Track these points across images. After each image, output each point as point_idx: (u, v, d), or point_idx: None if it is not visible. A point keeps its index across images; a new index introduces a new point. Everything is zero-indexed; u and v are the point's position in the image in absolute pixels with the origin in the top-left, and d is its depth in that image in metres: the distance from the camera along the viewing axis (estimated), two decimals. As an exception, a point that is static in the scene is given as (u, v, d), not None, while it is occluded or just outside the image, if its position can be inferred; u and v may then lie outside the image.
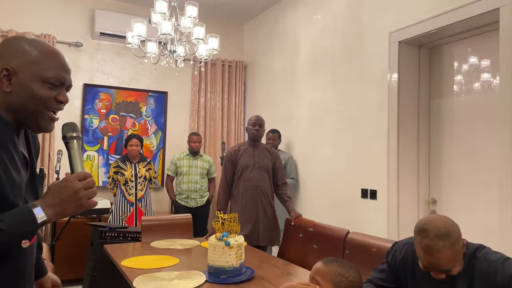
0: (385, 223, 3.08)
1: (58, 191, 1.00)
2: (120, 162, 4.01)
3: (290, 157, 4.12)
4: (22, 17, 4.30)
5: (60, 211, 1.00)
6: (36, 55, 1.06)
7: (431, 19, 2.76)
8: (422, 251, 1.37)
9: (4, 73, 1.03)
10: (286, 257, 2.83)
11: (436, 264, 1.35)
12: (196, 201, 4.29)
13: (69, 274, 3.89)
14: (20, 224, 0.94)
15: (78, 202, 1.01)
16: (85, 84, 4.57)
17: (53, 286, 1.43)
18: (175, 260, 2.33)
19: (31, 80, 1.05)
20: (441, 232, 1.34)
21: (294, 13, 4.41)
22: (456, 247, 1.34)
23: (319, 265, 1.38)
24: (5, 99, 1.04)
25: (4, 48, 1.06)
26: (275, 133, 4.15)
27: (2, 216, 0.93)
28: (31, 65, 1.05)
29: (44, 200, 1.00)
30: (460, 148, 2.90)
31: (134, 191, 3.96)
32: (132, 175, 3.95)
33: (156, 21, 3.09)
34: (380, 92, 3.18)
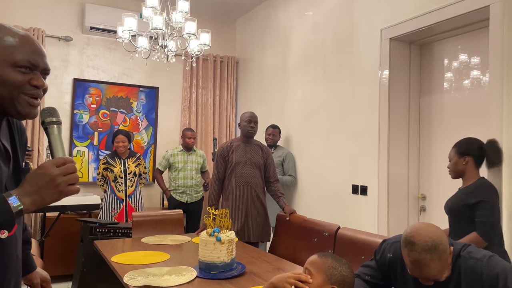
0: (375, 219, 3.11)
1: (35, 179, 0.95)
2: (109, 158, 3.97)
3: (288, 153, 4.07)
4: (10, 11, 4.24)
5: (39, 199, 0.95)
6: (4, 40, 1.01)
7: (422, 16, 2.78)
8: (410, 264, 1.39)
9: None
10: (277, 253, 2.84)
11: (425, 276, 1.37)
12: (191, 197, 4.29)
13: (59, 270, 3.86)
14: None
15: (57, 189, 0.96)
16: (75, 79, 4.52)
17: (42, 282, 1.41)
18: (166, 256, 2.33)
19: (0, 66, 0.99)
20: (428, 245, 1.35)
21: (286, 9, 4.40)
22: (443, 258, 1.36)
23: (314, 257, 1.40)
24: None
25: None
26: (276, 128, 4.11)
27: None
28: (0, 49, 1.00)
29: (21, 188, 0.95)
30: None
31: (124, 187, 3.93)
32: (121, 171, 3.92)
33: (147, 15, 3.06)
34: (371, 88, 3.20)
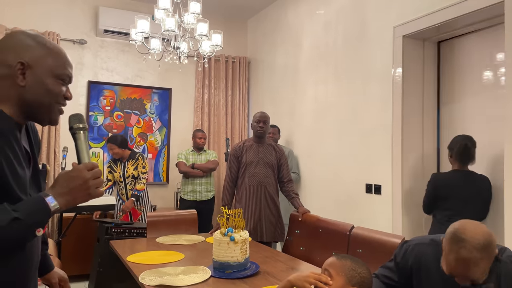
0: (389, 218, 3.08)
1: (68, 181, 1.02)
2: (112, 163, 4.08)
3: (290, 151, 4.15)
4: (26, 15, 4.32)
5: (71, 200, 1.02)
6: (47, 50, 1.07)
7: (436, 13, 2.74)
8: (455, 262, 1.29)
9: (19, 67, 1.03)
10: (291, 253, 2.84)
11: (470, 276, 1.29)
12: (201, 194, 4.31)
13: (76, 269, 3.92)
14: (34, 213, 0.96)
15: (87, 191, 1.04)
16: (89, 81, 4.59)
17: (60, 281, 1.44)
18: (181, 256, 2.35)
19: (46, 75, 1.06)
20: (480, 244, 1.27)
21: (297, 9, 4.40)
22: (491, 259, 1.29)
23: (333, 259, 1.38)
24: (18, 93, 1.04)
25: (12, 42, 1.05)
26: (275, 127, 4.21)
27: (17, 207, 0.95)
28: (45, 61, 1.06)
29: (55, 189, 1.01)
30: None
31: (125, 191, 4.03)
32: (120, 175, 4.01)
33: (160, 17, 3.09)
34: (384, 87, 3.17)
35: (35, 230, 0.97)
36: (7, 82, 1.03)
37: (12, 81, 1.03)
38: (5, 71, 1.03)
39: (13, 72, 1.03)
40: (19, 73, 1.03)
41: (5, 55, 1.03)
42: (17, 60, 1.03)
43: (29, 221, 0.95)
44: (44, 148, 4.26)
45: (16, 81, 1.03)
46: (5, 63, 1.03)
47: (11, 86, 1.03)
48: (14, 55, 1.03)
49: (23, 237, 0.98)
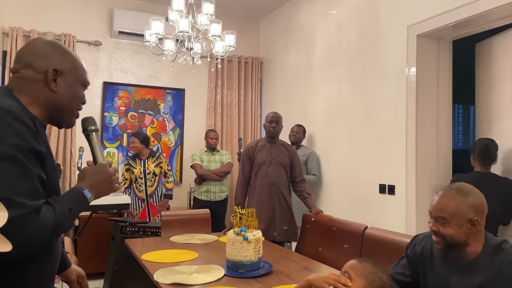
0: (403, 218, 3.06)
1: (96, 174, 1.15)
2: (131, 160, 4.11)
3: (311, 152, 4.05)
4: (42, 17, 4.41)
5: (98, 192, 1.14)
6: (73, 59, 1.17)
7: (450, 12, 2.71)
8: (436, 196, 1.42)
9: (53, 73, 1.10)
10: (304, 253, 2.84)
11: (436, 207, 1.40)
12: (215, 195, 4.34)
13: (92, 267, 3.97)
14: (78, 204, 1.09)
15: (110, 185, 1.17)
16: (104, 82, 4.66)
17: (78, 278, 1.47)
18: (194, 254, 2.37)
19: (75, 82, 1.16)
20: (461, 187, 1.39)
21: (309, 9, 4.39)
22: (462, 208, 1.35)
23: (353, 261, 1.39)
24: (48, 98, 1.11)
25: (40, 49, 1.12)
26: (300, 127, 4.12)
27: (63, 199, 1.05)
28: (74, 69, 1.16)
29: (85, 182, 1.13)
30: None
31: (144, 187, 4.05)
32: (141, 172, 4.04)
33: (173, 19, 3.12)
34: (398, 86, 3.15)
35: (74, 220, 1.09)
36: (39, 86, 1.10)
37: (43, 86, 1.10)
38: (38, 77, 1.10)
39: (47, 78, 1.10)
40: (52, 79, 1.10)
41: (37, 61, 1.10)
42: (51, 67, 1.10)
43: (76, 212, 1.07)
44: (61, 148, 4.34)
45: (48, 86, 1.10)
46: (39, 69, 1.10)
47: (42, 91, 1.10)
48: (46, 62, 1.11)
49: (69, 227, 1.10)
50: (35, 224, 0.93)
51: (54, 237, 1.03)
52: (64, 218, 1.02)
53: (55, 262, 1.14)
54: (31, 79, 1.09)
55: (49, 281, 1.12)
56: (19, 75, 1.10)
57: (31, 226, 0.93)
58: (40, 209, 0.96)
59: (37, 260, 1.05)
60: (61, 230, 1.03)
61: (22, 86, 1.09)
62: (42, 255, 1.07)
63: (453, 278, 1.42)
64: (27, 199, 0.93)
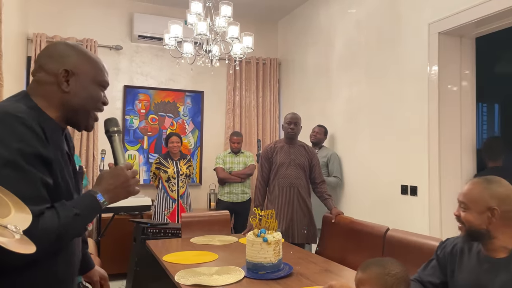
0: (426, 220, 3.00)
1: (112, 178, 1.12)
2: (162, 159, 4.14)
3: (333, 154, 4.00)
4: (65, 24, 4.51)
5: (114, 196, 1.12)
6: (88, 59, 1.16)
7: (473, 8, 2.65)
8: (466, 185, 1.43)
9: (64, 74, 1.11)
10: (324, 255, 2.81)
11: (462, 192, 1.41)
12: (237, 196, 4.36)
13: (114, 268, 4.04)
14: (89, 209, 1.07)
15: (128, 189, 1.14)
16: (125, 85, 4.74)
17: (101, 279, 1.49)
18: (215, 256, 2.38)
19: (90, 82, 1.15)
20: (490, 177, 1.38)
21: (328, 9, 4.36)
22: (484, 195, 1.34)
23: (358, 274, 1.36)
24: (62, 99, 1.11)
25: (55, 52, 1.13)
26: (322, 127, 4.09)
27: (73, 203, 1.04)
28: (88, 68, 1.15)
29: (101, 186, 1.11)
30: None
31: (177, 187, 4.09)
32: (174, 172, 4.08)
33: (192, 22, 3.15)
34: (419, 85, 3.09)
35: (87, 225, 1.07)
36: (52, 88, 1.11)
37: (57, 88, 1.11)
38: (50, 79, 1.11)
39: (58, 79, 1.10)
40: (63, 80, 1.11)
41: (50, 64, 1.11)
42: (62, 68, 1.10)
43: (86, 217, 1.05)
44: (84, 151, 4.43)
45: (61, 87, 1.10)
46: (50, 71, 1.11)
47: (56, 92, 1.11)
48: (58, 64, 1.11)
49: (79, 232, 1.08)
50: (34, 230, 0.90)
51: (59, 241, 1.01)
52: (70, 223, 1.00)
53: (70, 265, 1.13)
54: (45, 81, 1.11)
55: (64, 284, 1.12)
56: (35, 78, 1.13)
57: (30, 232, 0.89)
58: (42, 215, 0.96)
59: (46, 263, 1.03)
60: (68, 235, 1.02)
61: (38, 89, 1.11)
62: (53, 258, 1.05)
63: (483, 276, 1.39)
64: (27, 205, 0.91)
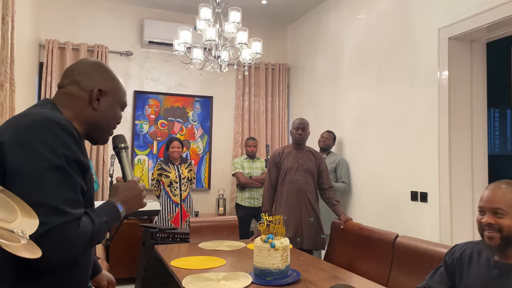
0: (437, 227, 2.96)
1: (128, 191, 1.20)
2: (164, 165, 4.15)
3: (341, 159, 4.00)
4: (76, 30, 4.58)
5: (128, 208, 1.19)
6: (117, 82, 1.24)
7: (483, 13, 2.62)
8: (485, 190, 1.42)
9: (97, 93, 1.17)
10: (333, 261, 2.79)
11: (490, 198, 1.38)
12: (258, 201, 4.36)
13: (123, 273, 4.06)
14: (113, 218, 1.13)
15: (140, 201, 1.23)
16: (135, 91, 4.78)
17: (108, 284, 1.51)
18: (222, 261, 2.37)
19: (116, 103, 1.23)
20: (510, 181, 1.39)
21: (337, 14, 4.36)
22: None
23: None
24: (90, 115, 1.18)
25: (90, 69, 1.20)
26: (330, 133, 4.09)
27: (99, 211, 1.10)
28: (116, 91, 1.23)
29: (118, 197, 1.18)
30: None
31: (179, 191, 4.10)
32: (176, 176, 4.09)
33: (201, 28, 3.17)
34: (429, 90, 3.07)
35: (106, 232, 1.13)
36: (83, 104, 1.17)
37: (87, 104, 1.17)
38: (83, 95, 1.17)
39: (92, 97, 1.17)
40: (95, 98, 1.17)
41: (85, 80, 1.18)
42: (96, 87, 1.17)
43: (111, 225, 1.11)
44: (94, 156, 4.47)
45: (91, 104, 1.17)
46: (84, 88, 1.17)
47: (85, 108, 1.17)
48: (92, 82, 1.18)
49: (102, 239, 1.14)
50: (75, 233, 0.97)
51: (88, 247, 1.06)
52: (101, 229, 1.07)
53: (85, 274, 1.16)
54: (77, 96, 1.16)
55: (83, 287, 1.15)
56: (65, 91, 1.17)
57: (73, 234, 0.97)
58: (81, 218, 1.00)
59: (66, 270, 1.06)
60: (96, 241, 1.07)
61: (67, 101, 1.16)
62: (71, 265, 1.08)
63: (494, 282, 1.38)
64: (71, 208, 0.97)
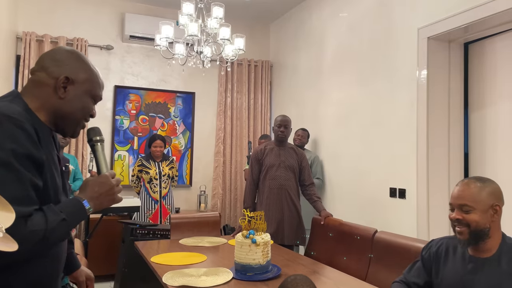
0: (414, 223, 3.02)
1: (98, 186, 1.14)
2: (145, 161, 4.12)
3: (316, 157, 4.11)
4: (55, 22, 4.48)
5: (98, 204, 1.13)
6: (90, 72, 1.18)
7: (461, 14, 2.68)
8: (455, 187, 1.46)
9: (64, 81, 1.12)
10: (313, 256, 2.83)
11: (458, 195, 1.43)
12: None
13: (102, 269, 4.01)
14: (76, 215, 1.07)
15: (112, 197, 1.16)
16: (116, 86, 4.71)
17: (87, 280, 1.48)
18: (203, 257, 2.37)
19: (85, 94, 1.17)
20: (479, 177, 1.45)
21: (320, 12, 4.38)
22: (483, 195, 1.39)
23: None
24: (55, 104, 1.12)
25: (60, 57, 1.14)
26: (305, 131, 4.16)
27: (60, 208, 1.04)
28: (86, 81, 1.16)
29: (86, 193, 1.12)
30: (495, 144, 2.81)
31: (159, 189, 4.08)
32: (156, 173, 4.07)
33: (183, 23, 3.14)
34: (409, 89, 3.12)
35: (71, 230, 1.07)
36: (49, 91, 1.12)
37: (52, 92, 1.12)
38: (50, 82, 1.12)
39: (57, 84, 1.11)
40: (62, 86, 1.12)
41: (53, 67, 1.12)
42: (63, 74, 1.12)
43: (72, 222, 1.06)
44: (72, 151, 4.39)
45: (57, 92, 1.12)
46: (51, 74, 1.12)
47: (51, 96, 1.12)
48: (60, 69, 1.12)
49: (64, 236, 1.08)
50: (21, 231, 0.92)
51: (44, 245, 1.01)
52: (57, 227, 1.01)
53: (53, 269, 1.13)
54: (44, 83, 1.12)
55: (49, 286, 1.12)
56: (34, 77, 1.13)
57: (17, 232, 0.90)
58: (30, 216, 0.96)
59: (28, 266, 1.03)
60: (52, 239, 1.01)
61: (34, 90, 1.11)
62: (35, 261, 1.05)
63: (468, 276, 1.42)
64: (16, 205, 0.91)
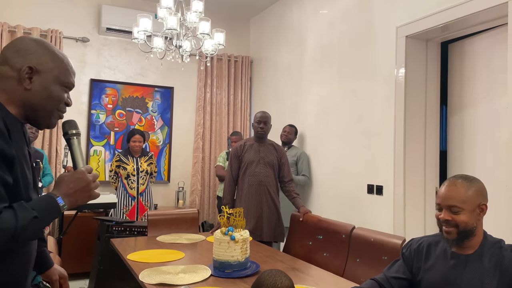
0: (391, 219, 3.07)
1: (73, 182, 1.09)
2: (122, 156, 4.04)
3: (302, 153, 4.07)
4: (29, 13, 4.32)
5: (74, 201, 1.09)
6: (55, 58, 1.12)
7: (439, 13, 2.73)
8: (442, 187, 1.46)
9: (27, 71, 1.07)
10: (292, 253, 2.83)
11: (446, 196, 1.42)
12: None
13: (76, 267, 3.92)
14: (48, 212, 1.03)
15: (89, 193, 1.12)
16: (91, 79, 4.59)
17: (60, 279, 1.44)
18: (181, 254, 2.34)
19: (52, 82, 1.11)
20: (465, 176, 1.45)
21: (300, 8, 4.39)
22: (470, 194, 1.40)
23: None
24: (22, 96, 1.08)
25: (22, 47, 1.09)
26: (292, 127, 4.14)
27: (32, 205, 1.00)
28: (53, 68, 1.11)
29: (60, 190, 1.08)
30: (468, 141, 2.88)
31: (136, 185, 4.00)
32: (134, 169, 3.99)
33: (162, 16, 3.08)
34: (387, 87, 3.16)
35: (44, 228, 1.03)
36: (14, 84, 1.07)
37: (18, 84, 1.07)
38: (13, 74, 1.07)
39: (21, 76, 1.07)
40: (26, 77, 1.07)
41: (15, 58, 1.08)
42: (26, 64, 1.07)
43: (44, 220, 1.01)
44: (46, 146, 4.27)
45: (22, 84, 1.07)
46: (14, 66, 1.07)
47: (17, 89, 1.07)
48: (23, 59, 1.07)
49: (36, 235, 1.04)
50: None
51: (14, 243, 0.97)
52: (28, 225, 0.97)
53: (23, 268, 1.10)
54: (7, 76, 1.07)
55: (20, 285, 1.09)
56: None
57: None
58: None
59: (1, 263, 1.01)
60: (23, 237, 0.98)
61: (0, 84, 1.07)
62: (3, 260, 1.02)
63: (450, 272, 1.44)
64: None
